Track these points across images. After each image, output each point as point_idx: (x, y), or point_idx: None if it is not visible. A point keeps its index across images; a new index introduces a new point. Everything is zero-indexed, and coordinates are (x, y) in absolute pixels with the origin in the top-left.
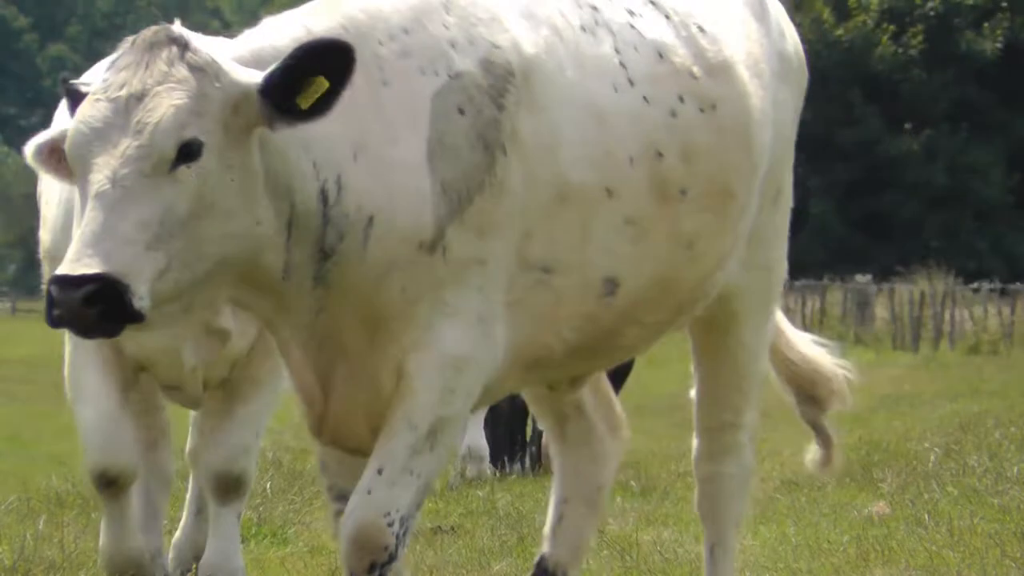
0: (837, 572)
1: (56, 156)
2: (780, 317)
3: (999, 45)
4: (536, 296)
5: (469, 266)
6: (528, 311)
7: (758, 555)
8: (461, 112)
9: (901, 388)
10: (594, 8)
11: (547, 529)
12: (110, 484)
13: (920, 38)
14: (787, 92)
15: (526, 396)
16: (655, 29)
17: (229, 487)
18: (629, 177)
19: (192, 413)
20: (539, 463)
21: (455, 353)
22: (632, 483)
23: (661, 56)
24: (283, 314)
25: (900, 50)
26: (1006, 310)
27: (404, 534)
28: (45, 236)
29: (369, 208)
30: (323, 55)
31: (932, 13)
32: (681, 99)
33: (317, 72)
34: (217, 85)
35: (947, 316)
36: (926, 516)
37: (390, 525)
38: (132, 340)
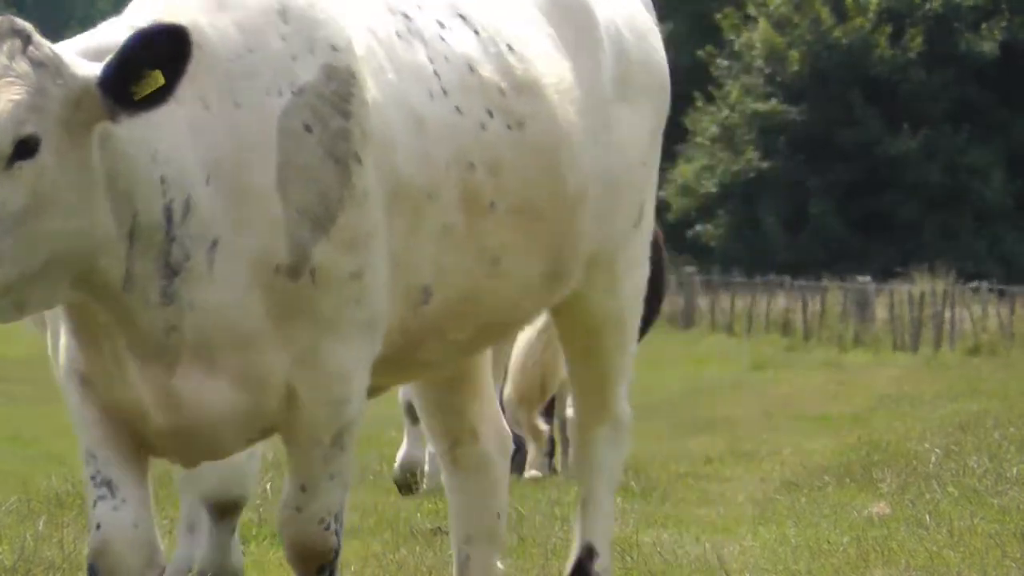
0: (837, 573)
1: None
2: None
3: (998, 45)
4: None
5: (344, 282)
6: None
7: (758, 556)
8: (308, 130)
9: (901, 388)
10: (406, 16)
11: (456, 571)
12: None
13: (919, 39)
14: (631, 113)
15: (420, 414)
16: (465, 43)
17: (226, 510)
18: (446, 183)
19: None
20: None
21: (341, 369)
22: (632, 484)
23: (471, 69)
24: (126, 327)
25: (899, 51)
26: (1005, 311)
27: (340, 526)
28: None
29: (215, 232)
30: (156, 42)
31: (931, 14)
32: (490, 113)
33: (151, 59)
34: (59, 81)
35: (947, 317)
36: (926, 516)
37: (327, 529)
38: None
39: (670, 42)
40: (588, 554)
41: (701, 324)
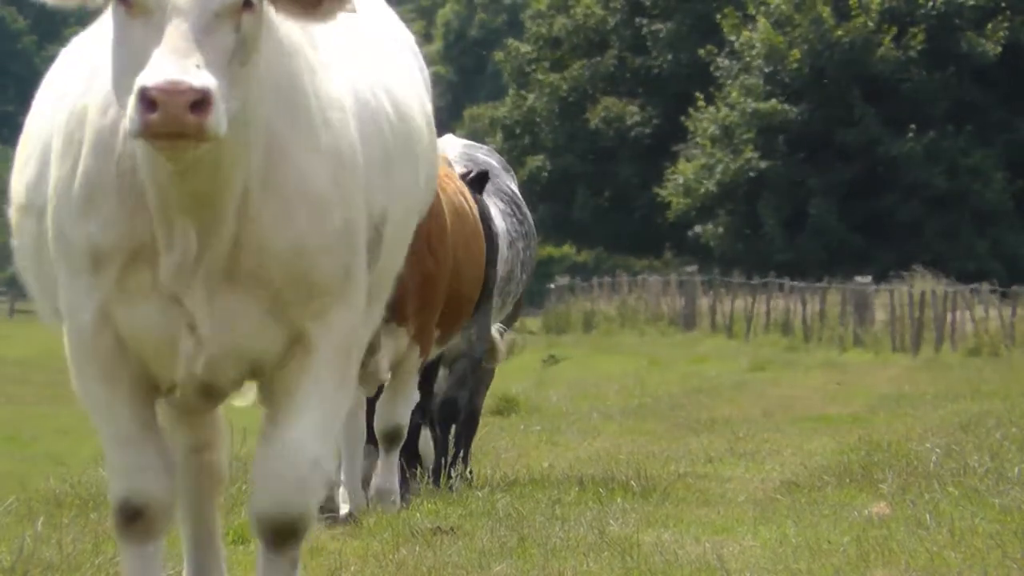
0: (837, 573)
1: None
2: None
3: (1000, 46)
4: None
5: None
6: None
7: (758, 556)
8: None
9: (901, 389)
10: None
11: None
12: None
13: (921, 39)
14: None
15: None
16: None
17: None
18: None
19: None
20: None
21: None
22: (632, 484)
23: None
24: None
25: (900, 51)
26: (1006, 311)
27: None
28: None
29: None
30: None
31: (933, 14)
32: None
33: None
34: None
35: (948, 318)
36: (927, 517)
37: None
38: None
39: (670, 42)
40: None
41: (702, 325)
